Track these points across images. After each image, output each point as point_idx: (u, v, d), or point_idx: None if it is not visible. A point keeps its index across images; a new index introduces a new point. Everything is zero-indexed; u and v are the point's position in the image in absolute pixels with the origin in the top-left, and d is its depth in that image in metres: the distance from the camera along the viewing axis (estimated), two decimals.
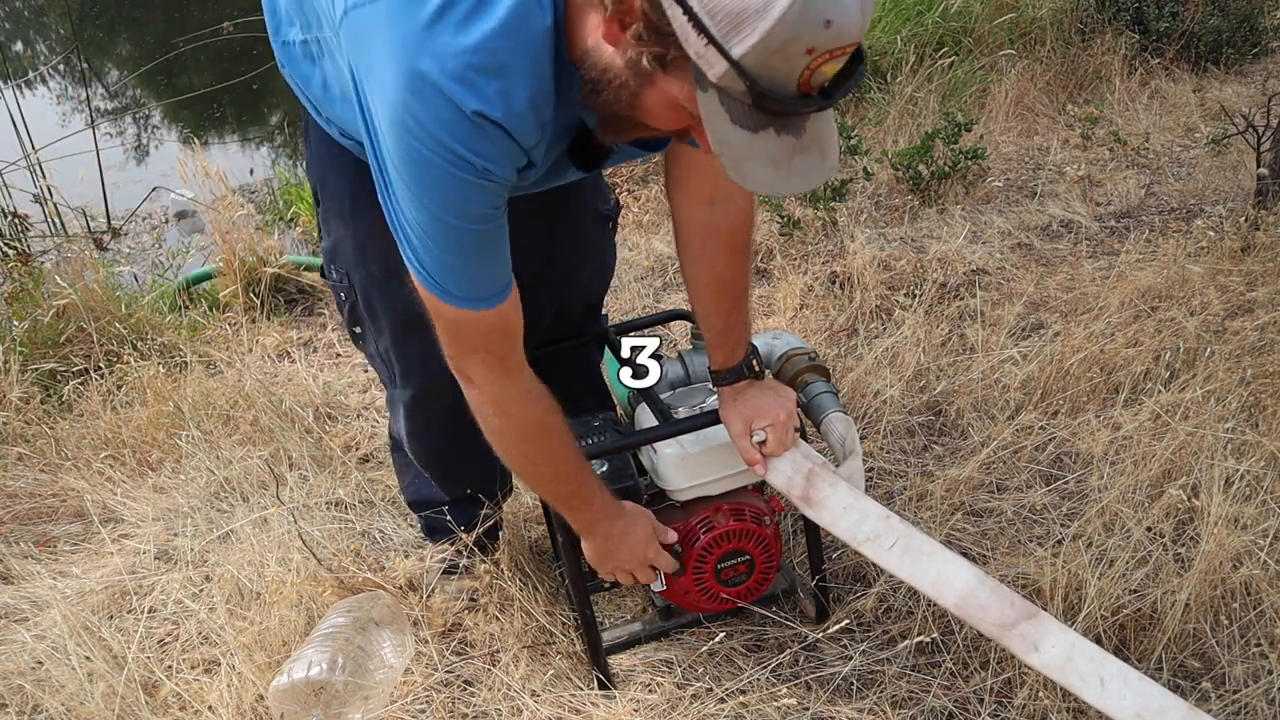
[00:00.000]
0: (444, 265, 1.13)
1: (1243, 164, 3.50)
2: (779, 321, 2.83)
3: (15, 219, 3.56)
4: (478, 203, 1.09)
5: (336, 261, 1.53)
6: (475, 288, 1.16)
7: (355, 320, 1.57)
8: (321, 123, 1.39)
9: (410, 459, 1.76)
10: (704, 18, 0.87)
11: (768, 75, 0.89)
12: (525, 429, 1.31)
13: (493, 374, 1.25)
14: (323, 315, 3.30)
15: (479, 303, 1.17)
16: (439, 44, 0.98)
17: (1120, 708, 1.27)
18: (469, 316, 1.18)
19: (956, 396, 2.31)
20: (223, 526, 2.07)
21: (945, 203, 3.52)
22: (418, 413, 1.64)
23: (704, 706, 1.57)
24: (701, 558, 1.58)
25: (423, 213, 1.08)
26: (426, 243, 1.11)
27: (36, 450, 2.50)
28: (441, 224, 1.09)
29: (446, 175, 1.05)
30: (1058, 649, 1.31)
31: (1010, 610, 1.34)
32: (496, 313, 1.19)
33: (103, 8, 9.30)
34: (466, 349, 1.23)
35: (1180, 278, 2.59)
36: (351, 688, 1.56)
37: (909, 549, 1.41)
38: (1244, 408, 2.03)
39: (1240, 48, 4.86)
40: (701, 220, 1.39)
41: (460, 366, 1.26)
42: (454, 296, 1.15)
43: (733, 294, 1.45)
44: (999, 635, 1.34)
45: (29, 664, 1.76)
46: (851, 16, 0.86)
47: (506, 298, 1.20)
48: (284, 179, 4.87)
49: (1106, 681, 1.29)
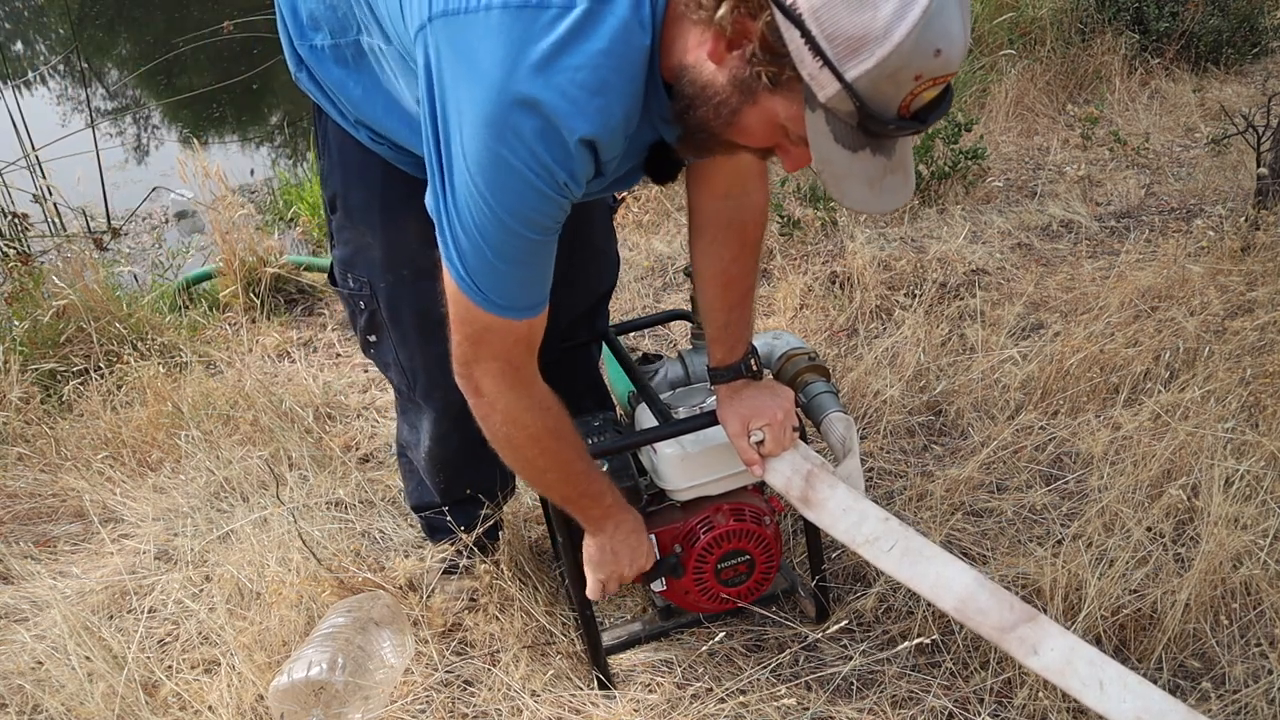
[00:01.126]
0: (493, 271, 1.13)
1: (1243, 164, 3.50)
2: (779, 321, 2.83)
3: (15, 219, 3.56)
4: (546, 215, 1.11)
5: (355, 269, 1.51)
6: (518, 297, 1.17)
7: (372, 329, 1.56)
8: (348, 127, 1.38)
9: (415, 466, 1.76)
10: (822, 42, 0.91)
11: (876, 98, 0.93)
12: (536, 438, 1.31)
13: (505, 383, 1.24)
14: (323, 315, 3.30)
15: (517, 312, 1.18)
16: (550, 60, 1.00)
17: (1120, 710, 1.26)
18: (500, 325, 1.18)
19: (956, 396, 2.31)
20: (223, 526, 2.07)
21: (945, 203, 3.52)
22: (442, 423, 1.61)
23: (704, 706, 1.57)
24: (702, 558, 1.58)
25: (487, 218, 1.09)
26: (480, 247, 1.11)
27: (36, 450, 2.50)
28: (505, 230, 1.09)
29: (527, 185, 1.06)
30: (1057, 652, 1.31)
31: (1009, 613, 1.34)
32: (528, 324, 1.20)
33: (103, 8, 9.30)
34: (485, 356, 1.22)
35: (1180, 278, 2.59)
36: (351, 688, 1.56)
37: (908, 551, 1.41)
38: (1244, 408, 2.03)
39: (1240, 48, 4.86)
40: (716, 212, 1.42)
41: (471, 374, 1.24)
42: (493, 303, 1.15)
43: (738, 290, 1.47)
44: (998, 638, 1.34)
45: (29, 664, 1.76)
46: (958, 48, 0.92)
47: (540, 311, 1.21)
48: (284, 179, 4.87)
49: (1106, 685, 1.28)
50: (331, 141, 1.44)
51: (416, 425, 1.68)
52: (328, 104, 1.38)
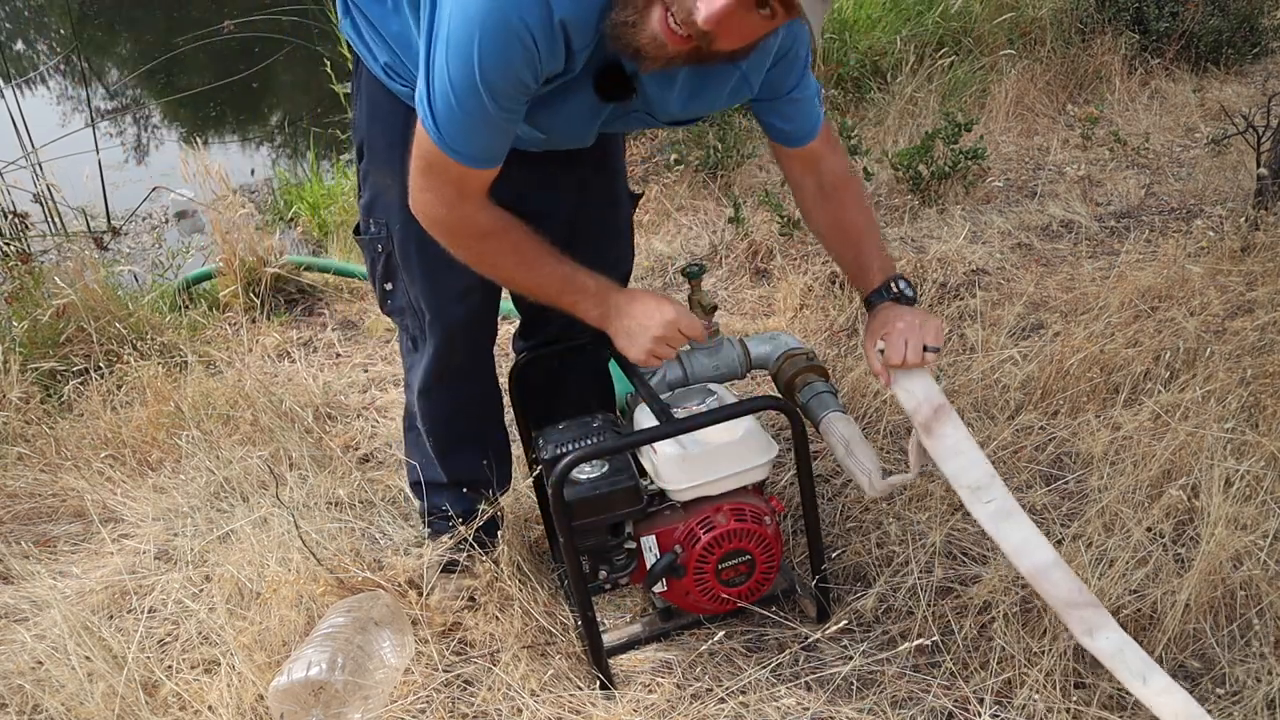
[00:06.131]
0: (452, 117, 1.29)
1: (1243, 164, 3.50)
2: (779, 322, 2.83)
3: (15, 218, 3.56)
4: (512, 78, 1.25)
5: (375, 213, 1.62)
6: (464, 144, 1.33)
7: (388, 275, 1.66)
8: (379, 74, 1.51)
9: (420, 432, 1.80)
10: None
11: None
12: (483, 242, 1.45)
13: (444, 207, 1.41)
14: (323, 315, 3.30)
15: (459, 156, 1.34)
16: None
17: (1158, 704, 1.40)
18: (442, 161, 1.35)
19: (956, 396, 2.31)
20: (223, 526, 2.07)
21: (945, 203, 3.52)
22: (439, 361, 1.70)
23: (704, 706, 1.57)
24: (702, 558, 1.58)
25: (461, 72, 1.24)
26: (448, 95, 1.27)
27: (36, 450, 2.50)
28: (471, 87, 1.25)
29: (510, 37, 1.21)
30: (1111, 642, 1.45)
31: (1078, 595, 1.46)
32: (476, 174, 1.37)
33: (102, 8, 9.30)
34: (429, 185, 1.40)
35: (1180, 278, 2.59)
36: (351, 688, 1.56)
37: (1003, 510, 1.51)
38: (1244, 408, 2.03)
39: (1240, 48, 4.86)
40: (807, 186, 1.66)
41: (418, 198, 1.42)
42: (445, 143, 1.32)
43: (853, 233, 1.66)
44: (1061, 610, 1.47)
45: (29, 664, 1.76)
46: None
47: (478, 166, 1.36)
48: (284, 179, 4.87)
49: (1149, 680, 1.42)
50: (364, 90, 1.58)
51: (415, 370, 1.74)
52: (364, 50, 1.52)
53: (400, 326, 1.74)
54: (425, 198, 1.41)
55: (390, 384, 2.78)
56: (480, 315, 1.71)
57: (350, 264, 3.46)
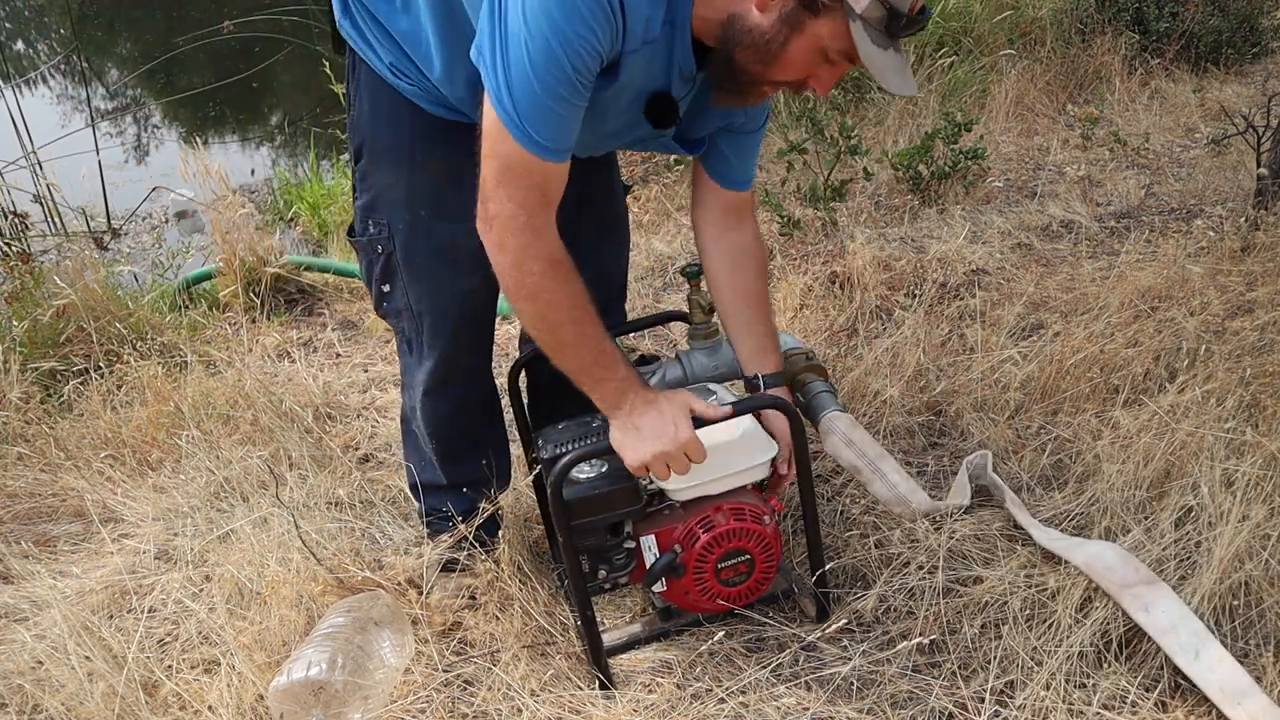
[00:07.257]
0: (536, 103, 1.25)
1: (1243, 164, 3.50)
2: (779, 322, 2.83)
3: (15, 218, 3.56)
4: (587, 47, 1.22)
5: (375, 213, 1.60)
6: (551, 135, 1.28)
7: (387, 276, 1.63)
8: (384, 72, 1.49)
9: (417, 433, 1.80)
10: None
11: (898, 2, 1.22)
12: (543, 285, 1.37)
13: (516, 225, 1.32)
14: (323, 315, 3.30)
15: (545, 151, 1.29)
16: None
17: (1206, 679, 1.42)
18: (525, 161, 1.29)
19: (956, 397, 2.31)
20: (223, 526, 2.07)
21: (945, 203, 3.52)
22: (445, 363, 1.69)
23: (704, 706, 1.57)
24: (702, 558, 1.58)
25: (538, 46, 1.21)
26: (528, 78, 1.23)
27: (36, 450, 2.50)
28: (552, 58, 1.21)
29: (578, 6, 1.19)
30: (1167, 615, 1.48)
31: (1133, 574, 1.54)
32: (557, 168, 1.32)
33: (102, 8, 9.30)
34: (504, 195, 1.31)
35: (1180, 278, 2.59)
36: (351, 687, 1.56)
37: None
38: (1244, 408, 2.03)
39: (1240, 48, 4.87)
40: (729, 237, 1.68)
41: (488, 209, 1.33)
42: (528, 136, 1.26)
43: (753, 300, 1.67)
44: (1116, 593, 1.53)
45: (29, 664, 1.76)
46: None
47: (562, 160, 1.32)
48: (284, 179, 4.87)
49: (1201, 654, 1.43)
50: (364, 90, 1.54)
51: (415, 372, 1.73)
52: (367, 49, 1.50)
53: (396, 329, 1.73)
54: (506, 209, 1.32)
55: (390, 384, 2.78)
56: (482, 316, 1.71)
57: (350, 264, 3.46)
